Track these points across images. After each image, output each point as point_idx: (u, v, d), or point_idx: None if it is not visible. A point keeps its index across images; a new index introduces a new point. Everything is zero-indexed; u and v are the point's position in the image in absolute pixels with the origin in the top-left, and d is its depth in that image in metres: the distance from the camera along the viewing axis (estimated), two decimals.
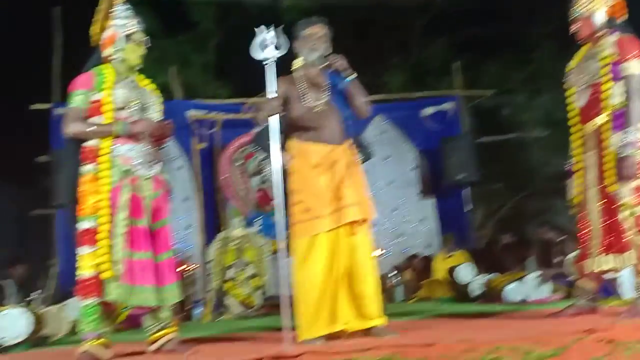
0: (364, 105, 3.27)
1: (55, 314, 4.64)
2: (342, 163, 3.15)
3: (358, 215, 3.09)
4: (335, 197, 3.09)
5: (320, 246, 3.07)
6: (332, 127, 3.19)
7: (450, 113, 8.37)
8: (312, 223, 3.07)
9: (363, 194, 3.18)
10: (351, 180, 3.13)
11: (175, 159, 7.66)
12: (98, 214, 2.90)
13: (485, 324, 3.48)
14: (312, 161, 3.15)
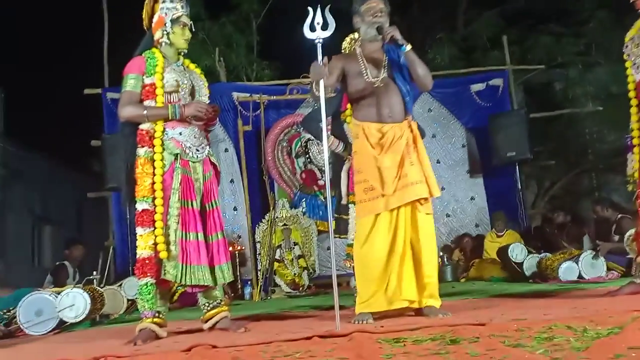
0: (426, 75, 3.14)
1: (113, 293, 4.81)
2: (403, 141, 3.09)
3: (421, 193, 3.04)
4: (398, 176, 3.05)
5: (383, 224, 3.05)
6: (391, 105, 3.14)
7: (499, 89, 8.13)
8: (374, 202, 3.06)
9: (427, 171, 3.10)
10: (414, 158, 3.08)
11: (221, 141, 7.77)
12: (153, 196, 2.97)
13: (539, 303, 3.40)
14: (372, 141, 3.12)
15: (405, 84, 3.15)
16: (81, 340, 3.34)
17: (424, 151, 3.13)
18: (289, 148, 8.09)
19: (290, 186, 8.03)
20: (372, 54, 3.21)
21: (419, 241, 3.06)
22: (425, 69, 3.12)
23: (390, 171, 3.06)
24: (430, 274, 3.07)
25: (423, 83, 3.14)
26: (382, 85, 3.15)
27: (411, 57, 3.09)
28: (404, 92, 3.15)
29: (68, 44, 13.09)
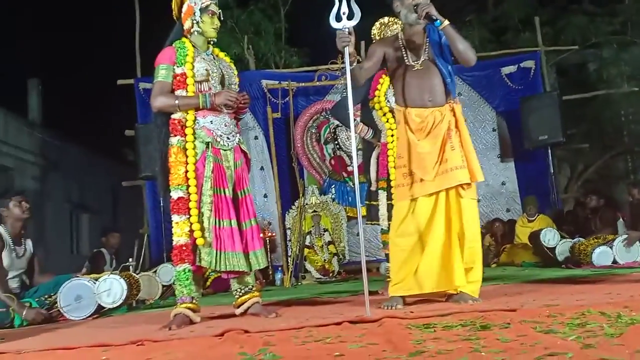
0: (467, 50, 3.04)
1: (148, 279, 4.93)
2: (444, 125, 3.05)
3: (462, 178, 3.01)
4: (439, 161, 3.02)
5: (420, 209, 3.04)
6: (432, 88, 3.09)
7: (531, 71, 7.97)
8: (412, 187, 3.06)
9: (469, 155, 3.05)
10: (455, 142, 3.03)
11: (251, 129, 7.83)
12: (187, 184, 3.03)
13: (572, 289, 3.36)
14: (412, 126, 3.10)
15: (446, 65, 3.08)
16: (118, 324, 3.44)
17: (466, 135, 3.06)
18: (318, 135, 8.10)
19: (320, 173, 8.06)
20: (413, 37, 3.16)
21: (462, 227, 3.02)
22: (466, 44, 3.03)
23: (430, 156, 3.03)
24: (471, 259, 3.04)
25: (465, 59, 3.06)
26: (422, 69, 3.10)
27: (449, 33, 3.02)
28: (445, 73, 3.08)
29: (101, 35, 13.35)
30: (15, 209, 4.22)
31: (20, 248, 4.25)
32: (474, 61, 3.06)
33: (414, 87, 3.11)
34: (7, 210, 4.22)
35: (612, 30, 9.68)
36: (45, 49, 14.29)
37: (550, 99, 7.21)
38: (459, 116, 3.08)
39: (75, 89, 14.59)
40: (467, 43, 3.04)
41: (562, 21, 9.91)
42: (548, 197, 7.37)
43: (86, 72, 13.96)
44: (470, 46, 3.05)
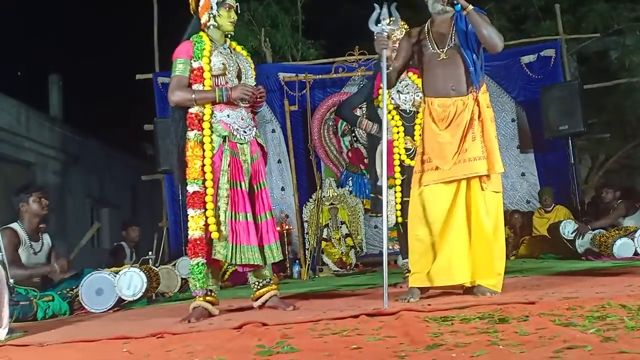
0: (492, 35, 2.98)
1: (167, 272, 4.99)
2: (466, 114, 3.02)
3: (479, 169, 2.98)
4: (459, 151, 3.00)
5: (439, 199, 3.03)
6: (456, 77, 3.06)
7: (551, 60, 7.85)
8: (427, 174, 3.05)
9: (489, 146, 3.02)
10: (477, 132, 3.00)
11: (268, 122, 7.84)
12: (204, 178, 3.05)
13: (592, 281, 3.32)
14: (434, 116, 3.09)
15: (471, 54, 3.04)
16: (139, 317, 3.49)
17: (489, 126, 3.02)
18: (335, 127, 8.09)
19: (337, 165, 8.05)
20: (440, 26, 3.14)
21: (482, 219, 2.99)
22: (491, 29, 2.98)
23: (451, 146, 3.01)
24: (493, 253, 3.00)
25: (490, 44, 3.01)
26: (447, 58, 3.07)
27: (473, 18, 2.98)
28: (469, 62, 3.04)
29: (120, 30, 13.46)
30: (34, 204, 4.27)
31: (37, 244, 4.30)
32: (500, 47, 3.01)
33: (438, 76, 3.10)
34: (26, 205, 4.26)
35: (635, 17, 9.45)
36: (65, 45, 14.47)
37: (571, 88, 7.09)
38: (482, 106, 3.03)
39: (95, 84, 14.75)
40: (492, 28, 2.99)
41: (583, 8, 9.71)
42: (568, 187, 7.27)
43: (105, 67, 14.10)
44: (496, 32, 3.00)
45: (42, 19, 14.87)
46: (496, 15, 10.17)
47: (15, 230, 4.17)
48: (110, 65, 13.68)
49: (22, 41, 13.83)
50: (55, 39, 14.48)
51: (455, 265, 2.99)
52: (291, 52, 10.18)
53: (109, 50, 14.24)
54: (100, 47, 14.60)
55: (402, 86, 4.33)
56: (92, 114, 13.78)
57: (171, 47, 3.30)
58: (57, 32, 15.10)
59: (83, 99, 14.06)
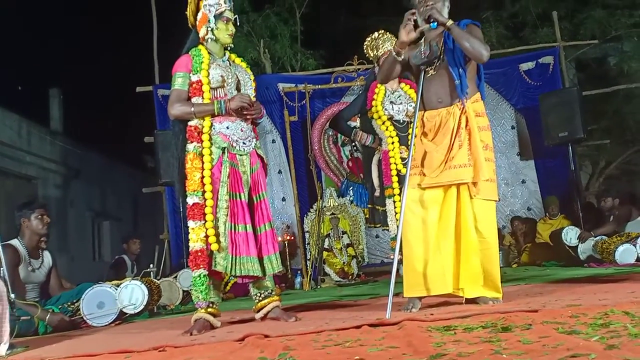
0: (475, 47, 2.98)
1: (169, 284, 4.98)
2: (450, 123, 3.05)
3: (464, 176, 2.99)
4: (446, 159, 3.02)
5: (429, 208, 3.04)
6: (442, 91, 3.10)
7: (550, 67, 7.87)
8: (412, 177, 3.07)
9: (475, 153, 3.01)
10: (464, 140, 3.02)
11: (268, 133, 7.86)
12: (203, 190, 3.05)
13: (595, 288, 3.31)
14: (425, 128, 3.14)
15: (457, 69, 3.07)
16: (140, 330, 3.48)
17: (476, 134, 3.03)
18: (335, 137, 8.10)
19: (337, 175, 8.06)
20: (432, 43, 3.17)
21: (469, 228, 2.99)
22: (473, 41, 2.99)
23: (438, 154, 3.04)
24: (482, 262, 2.99)
25: (474, 56, 3.02)
26: (436, 74, 3.11)
27: (454, 33, 3.02)
28: (454, 76, 3.07)
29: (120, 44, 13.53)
30: (35, 221, 4.23)
31: (36, 261, 4.25)
32: (486, 57, 3.02)
33: (428, 91, 3.14)
34: (27, 221, 4.23)
35: (633, 23, 9.49)
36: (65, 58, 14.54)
37: (570, 95, 7.10)
38: (470, 115, 3.05)
39: (96, 97, 14.82)
40: (474, 40, 3.00)
41: (580, 15, 9.76)
42: (569, 194, 7.26)
43: (105, 80, 14.17)
44: (479, 43, 3.00)
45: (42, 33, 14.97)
46: (494, 24, 10.24)
47: (15, 247, 4.14)
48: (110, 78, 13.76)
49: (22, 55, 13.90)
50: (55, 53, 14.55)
51: (447, 275, 3.00)
52: (290, 62, 10.23)
53: (109, 63, 14.33)
54: (100, 60, 14.69)
55: (395, 97, 4.36)
56: (93, 127, 13.82)
57: (171, 59, 3.32)
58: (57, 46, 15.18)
59: (84, 112, 14.10)
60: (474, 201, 3.00)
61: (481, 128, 3.07)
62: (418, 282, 3.01)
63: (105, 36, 14.21)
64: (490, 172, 3.02)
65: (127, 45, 12.44)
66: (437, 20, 3.03)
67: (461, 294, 3.03)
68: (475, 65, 3.15)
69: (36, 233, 4.24)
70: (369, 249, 7.61)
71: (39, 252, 4.31)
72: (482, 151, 3.01)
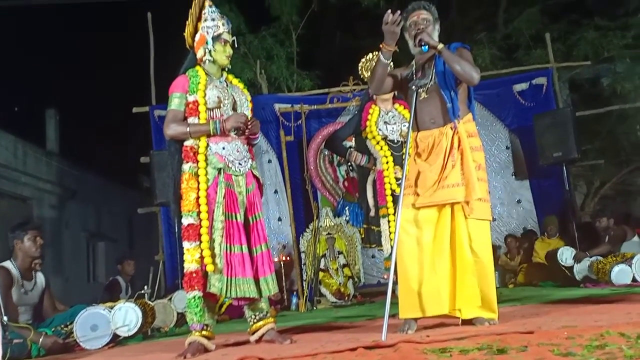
0: (465, 70, 3.02)
1: (163, 306, 4.94)
2: (443, 143, 3.07)
3: (456, 196, 3.00)
4: (439, 179, 3.04)
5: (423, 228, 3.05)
6: (435, 112, 3.13)
7: (543, 87, 7.94)
8: (405, 197, 3.07)
9: (467, 173, 3.03)
10: (456, 160, 3.04)
11: (265, 152, 7.87)
12: (198, 210, 3.05)
13: (591, 309, 3.30)
14: (418, 148, 3.17)
15: (448, 92, 3.11)
16: (134, 353, 3.45)
17: (468, 154, 3.05)
18: (331, 157, 8.12)
19: (333, 194, 8.06)
20: (423, 65, 3.22)
21: (465, 248, 2.99)
22: (463, 64, 3.03)
23: (431, 174, 3.06)
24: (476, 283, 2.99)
25: (465, 79, 3.07)
26: (428, 97, 3.15)
27: (445, 56, 3.07)
28: (446, 99, 3.11)
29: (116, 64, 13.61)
30: (28, 242, 4.18)
31: (29, 283, 4.20)
32: (476, 80, 3.06)
33: (421, 113, 3.17)
34: (20, 243, 4.18)
35: (625, 44, 9.61)
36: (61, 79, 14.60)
37: (564, 116, 7.17)
38: (462, 136, 3.08)
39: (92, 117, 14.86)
40: (465, 63, 3.04)
41: (573, 37, 9.88)
42: (564, 214, 7.28)
43: (102, 101, 14.23)
44: (470, 66, 3.05)
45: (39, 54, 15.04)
46: (487, 45, 10.35)
47: (7, 269, 4.09)
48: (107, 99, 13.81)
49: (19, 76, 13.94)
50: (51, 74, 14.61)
51: (442, 296, 2.99)
52: (286, 83, 10.30)
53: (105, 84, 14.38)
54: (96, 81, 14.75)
55: (389, 117, 4.39)
56: (89, 148, 13.86)
57: (168, 80, 3.34)
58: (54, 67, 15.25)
59: (80, 133, 14.13)
60: (468, 221, 3.01)
61: (474, 148, 3.10)
62: (413, 303, 3.00)
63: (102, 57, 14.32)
64: (483, 192, 3.04)
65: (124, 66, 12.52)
66: (428, 43, 3.07)
67: (458, 315, 3.02)
68: (466, 87, 3.19)
69: (29, 255, 4.20)
70: (365, 269, 7.57)
71: (32, 274, 4.27)
72: (474, 171, 3.03)
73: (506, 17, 11.71)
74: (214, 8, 3.31)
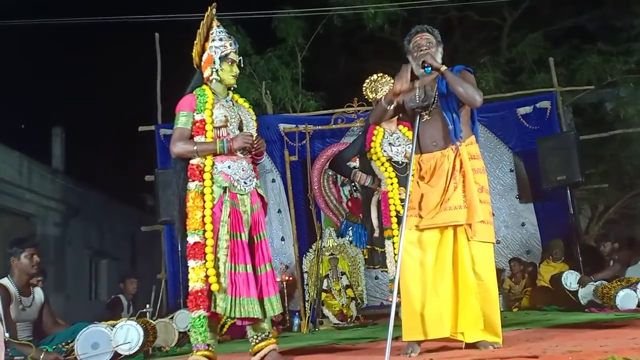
0: (468, 92, 3.02)
1: (165, 325, 4.91)
2: (445, 166, 3.08)
3: (458, 218, 2.99)
4: (441, 201, 3.04)
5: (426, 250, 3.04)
6: (436, 134, 3.14)
7: (547, 111, 7.97)
8: (408, 219, 3.06)
9: (469, 195, 3.02)
10: (458, 182, 3.04)
11: (269, 172, 7.90)
12: (203, 229, 3.06)
13: (596, 334, 3.27)
14: (421, 171, 3.17)
15: (450, 114, 3.12)
16: None
17: (470, 176, 3.05)
18: (335, 177, 8.13)
19: (337, 215, 8.06)
20: (425, 88, 3.24)
21: (467, 270, 2.98)
22: (466, 86, 3.04)
23: (433, 196, 3.06)
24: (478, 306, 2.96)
25: (467, 101, 3.08)
26: (431, 119, 3.16)
27: (448, 78, 3.08)
28: (448, 121, 3.12)
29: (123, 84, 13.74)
30: (25, 260, 4.16)
31: (27, 299, 4.19)
32: (479, 102, 3.07)
33: (424, 135, 3.18)
34: (17, 260, 4.16)
35: (628, 69, 9.67)
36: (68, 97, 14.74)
37: (567, 139, 7.18)
38: (464, 158, 3.08)
39: (98, 136, 14.97)
40: (468, 85, 3.06)
41: (576, 61, 9.95)
42: (568, 237, 7.25)
43: (108, 119, 14.33)
44: (473, 88, 3.06)
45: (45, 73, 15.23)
46: (491, 68, 10.43)
47: (5, 287, 4.07)
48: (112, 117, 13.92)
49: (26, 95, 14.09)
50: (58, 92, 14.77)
51: (444, 319, 2.97)
52: (291, 103, 10.37)
53: (111, 102, 14.51)
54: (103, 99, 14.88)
55: (393, 138, 4.42)
56: (94, 166, 13.92)
57: (174, 99, 3.38)
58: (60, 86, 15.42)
59: (85, 151, 14.22)
60: (471, 243, 3.00)
61: (476, 170, 3.10)
62: (416, 325, 2.98)
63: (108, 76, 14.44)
64: (485, 214, 3.03)
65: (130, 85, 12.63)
66: (431, 65, 3.09)
67: (460, 338, 2.99)
68: (469, 109, 3.20)
69: (25, 272, 4.18)
70: (368, 291, 7.53)
71: (30, 290, 4.26)
72: (476, 193, 3.03)
73: (509, 42, 11.82)
74: (221, 28, 3.36)
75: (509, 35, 11.92)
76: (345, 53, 13.21)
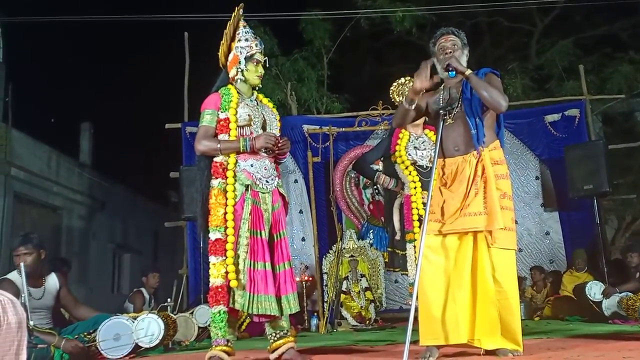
0: (493, 97, 2.97)
1: (185, 320, 4.96)
2: (467, 171, 3.05)
3: (477, 224, 2.96)
4: (462, 206, 3.01)
5: (446, 256, 3.02)
6: (460, 139, 3.11)
7: (576, 119, 7.85)
8: (429, 224, 3.04)
9: (489, 201, 2.98)
10: (480, 188, 3.01)
11: (291, 172, 7.92)
12: (225, 226, 3.09)
13: (619, 345, 3.21)
14: (443, 175, 3.15)
15: (473, 117, 3.09)
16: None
17: (492, 182, 3.01)
18: (357, 179, 8.13)
19: (358, 217, 8.05)
20: (451, 91, 3.21)
21: (487, 277, 2.95)
22: (491, 90, 2.99)
23: (454, 202, 3.04)
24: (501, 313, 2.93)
25: (492, 105, 3.03)
26: (454, 123, 3.13)
27: (472, 82, 3.04)
28: (471, 125, 3.09)
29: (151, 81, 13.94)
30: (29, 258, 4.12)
31: (38, 290, 4.19)
32: (504, 107, 3.03)
33: (446, 139, 3.15)
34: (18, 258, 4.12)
35: None
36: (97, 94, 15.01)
37: (596, 148, 7.06)
38: (486, 163, 3.04)
39: (125, 132, 15.20)
40: (493, 90, 3.00)
41: (607, 69, 9.79)
42: (594, 248, 7.13)
43: (136, 116, 14.54)
44: (498, 92, 3.00)
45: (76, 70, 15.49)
46: (520, 75, 10.31)
47: (11, 281, 4.07)
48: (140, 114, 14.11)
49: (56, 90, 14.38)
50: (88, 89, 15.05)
51: (462, 324, 2.95)
52: (316, 105, 10.40)
53: (140, 100, 14.73)
54: (131, 96, 15.12)
55: (419, 142, 4.40)
56: (121, 161, 14.13)
57: (200, 98, 3.42)
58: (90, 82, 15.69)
59: (113, 146, 14.46)
60: (491, 250, 2.96)
61: (499, 176, 3.06)
62: (435, 330, 2.97)
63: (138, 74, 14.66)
64: (507, 221, 2.99)
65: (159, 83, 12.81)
66: (455, 69, 3.06)
67: (478, 345, 2.96)
68: (494, 113, 3.14)
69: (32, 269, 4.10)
70: (387, 294, 7.50)
71: (42, 280, 4.25)
72: (497, 199, 2.99)
73: (539, 48, 11.68)
74: (248, 29, 3.39)
75: (538, 42, 11.78)
76: (371, 56, 13.21)
